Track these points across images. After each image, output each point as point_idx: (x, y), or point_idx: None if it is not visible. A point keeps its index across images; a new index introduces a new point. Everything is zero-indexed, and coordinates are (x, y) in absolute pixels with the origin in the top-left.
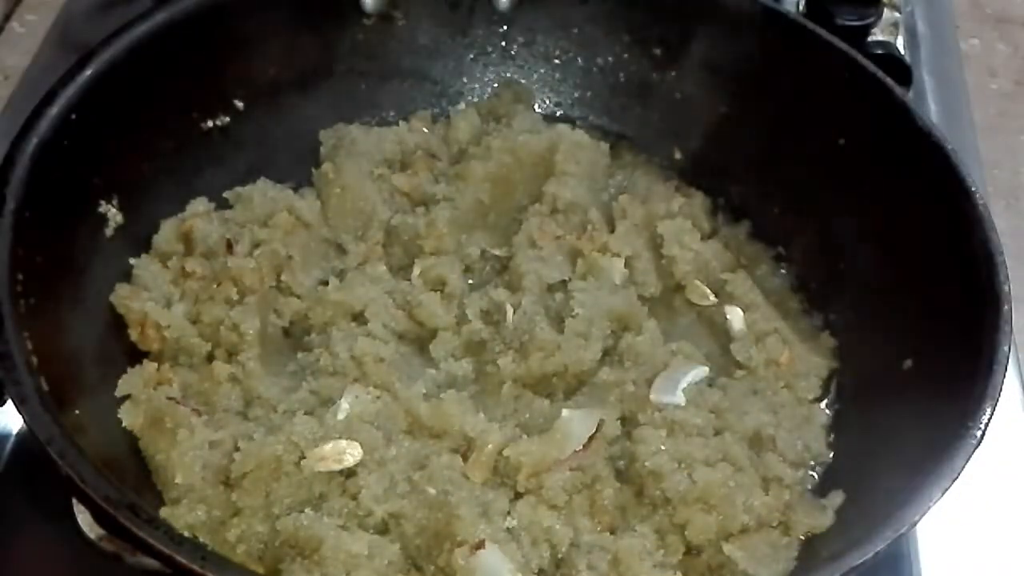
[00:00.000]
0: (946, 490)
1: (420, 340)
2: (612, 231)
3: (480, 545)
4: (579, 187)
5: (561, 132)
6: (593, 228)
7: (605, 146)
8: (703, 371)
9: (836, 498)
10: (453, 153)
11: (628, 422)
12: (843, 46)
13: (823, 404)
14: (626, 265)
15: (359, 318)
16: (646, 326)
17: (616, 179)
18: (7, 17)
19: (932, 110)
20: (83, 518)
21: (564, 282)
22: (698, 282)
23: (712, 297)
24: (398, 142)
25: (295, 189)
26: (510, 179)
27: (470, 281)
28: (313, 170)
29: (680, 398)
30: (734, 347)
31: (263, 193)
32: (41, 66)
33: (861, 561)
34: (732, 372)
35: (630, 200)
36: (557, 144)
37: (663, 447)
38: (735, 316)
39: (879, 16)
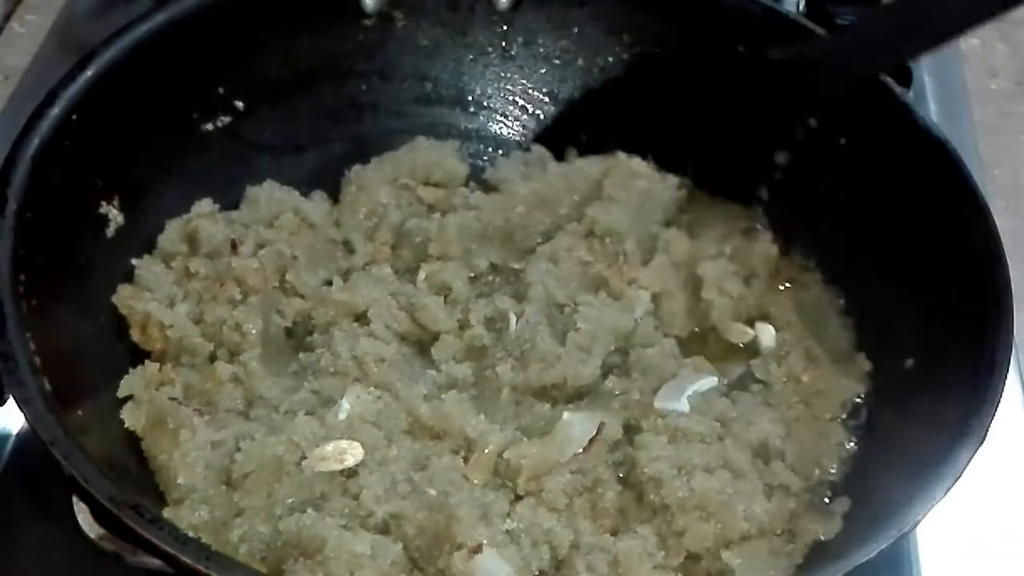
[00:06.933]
0: (949, 489)
1: (422, 342)
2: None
3: (478, 549)
4: (621, 214)
5: (619, 159)
6: (624, 260)
7: (673, 179)
8: (712, 381)
9: (843, 504)
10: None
11: (632, 428)
12: None
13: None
14: (653, 301)
15: (362, 318)
16: (664, 343)
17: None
18: (7, 17)
19: (932, 110)
20: (83, 518)
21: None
22: (734, 323)
23: (750, 331)
24: (438, 163)
25: (301, 190)
26: (553, 200)
27: (478, 292)
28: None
29: (684, 405)
30: (755, 363)
31: (269, 194)
32: (41, 66)
33: (864, 560)
34: (749, 386)
35: (678, 235)
36: (611, 170)
37: (664, 453)
38: (766, 334)
39: None
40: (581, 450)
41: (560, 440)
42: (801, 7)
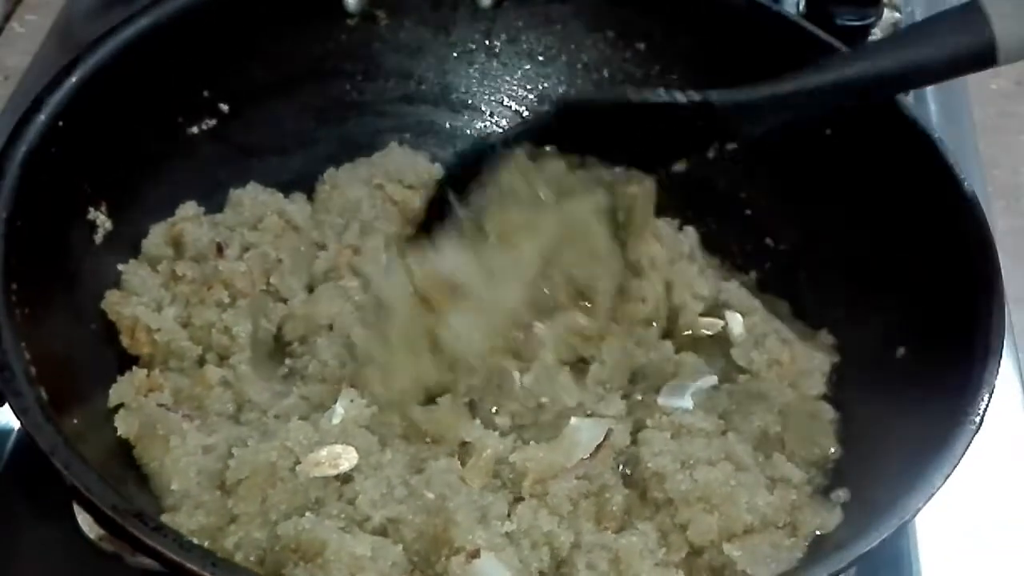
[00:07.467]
0: (948, 476)
1: None
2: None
3: (476, 554)
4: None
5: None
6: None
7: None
8: (712, 379)
9: (843, 495)
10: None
11: (636, 426)
12: (842, 47)
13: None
14: None
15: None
16: (662, 346)
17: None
18: (7, 17)
19: (932, 110)
20: (83, 518)
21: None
22: (703, 318)
23: (719, 322)
24: (412, 166)
25: (287, 192)
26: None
27: None
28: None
29: (688, 402)
30: (735, 352)
31: (253, 196)
32: (41, 66)
33: (868, 549)
34: (735, 377)
35: (652, 264)
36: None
37: (667, 448)
38: (735, 322)
39: (879, 16)
40: (588, 456)
41: (567, 445)
42: (801, 7)
